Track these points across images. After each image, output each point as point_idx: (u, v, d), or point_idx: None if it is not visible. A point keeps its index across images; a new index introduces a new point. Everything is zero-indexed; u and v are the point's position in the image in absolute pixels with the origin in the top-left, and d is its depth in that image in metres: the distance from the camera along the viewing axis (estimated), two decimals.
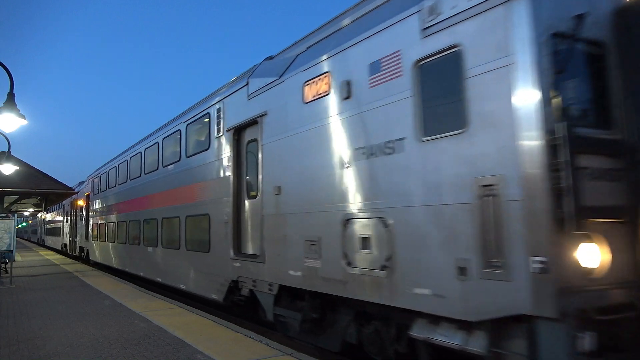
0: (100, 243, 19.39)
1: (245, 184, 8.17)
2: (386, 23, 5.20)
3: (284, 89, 6.97)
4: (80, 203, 23.85)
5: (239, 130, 8.29)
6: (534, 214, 3.64)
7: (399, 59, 4.98)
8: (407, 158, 4.80)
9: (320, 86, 6.18)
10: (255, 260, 7.45)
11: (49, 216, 40.73)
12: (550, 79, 3.73)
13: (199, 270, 9.76)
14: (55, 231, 36.67)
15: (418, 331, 4.67)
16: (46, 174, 17.38)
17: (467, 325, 4.19)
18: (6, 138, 13.15)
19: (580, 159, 3.69)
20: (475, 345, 4.07)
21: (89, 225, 21.59)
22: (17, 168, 13.59)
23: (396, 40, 5.03)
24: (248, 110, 7.91)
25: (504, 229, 3.82)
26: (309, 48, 6.94)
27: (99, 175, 20.21)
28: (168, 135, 12.16)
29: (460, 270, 4.16)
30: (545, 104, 3.66)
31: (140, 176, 14.29)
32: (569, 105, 3.94)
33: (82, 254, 23.37)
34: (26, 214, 42.79)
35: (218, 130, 9.00)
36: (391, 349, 5.31)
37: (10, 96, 7.82)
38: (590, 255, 3.68)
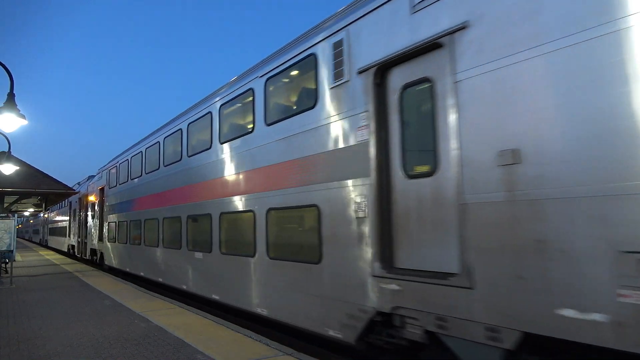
0: (120, 245, 16.26)
1: (401, 155, 5.23)
2: None
3: None
4: (92, 199, 20.91)
5: (386, 68, 5.45)
6: None
7: None
8: None
9: None
10: (445, 283, 4.47)
11: (54, 214, 37.54)
12: None
13: (298, 290, 6.61)
14: (60, 231, 33.40)
15: None
16: (46, 174, 17.39)
17: None
18: (6, 138, 13.18)
19: None
20: None
21: (105, 224, 18.45)
22: (17, 168, 13.59)
23: None
24: (413, 30, 5.05)
25: None
26: None
27: (118, 165, 16.92)
28: (230, 100, 8.87)
29: None
30: None
31: (180, 160, 11.12)
32: None
33: (95, 257, 20.56)
34: (26, 213, 42.12)
35: (336, 77, 6.12)
36: None
37: (10, 96, 7.82)
38: None
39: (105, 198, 18.36)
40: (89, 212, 21.66)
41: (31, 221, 66.60)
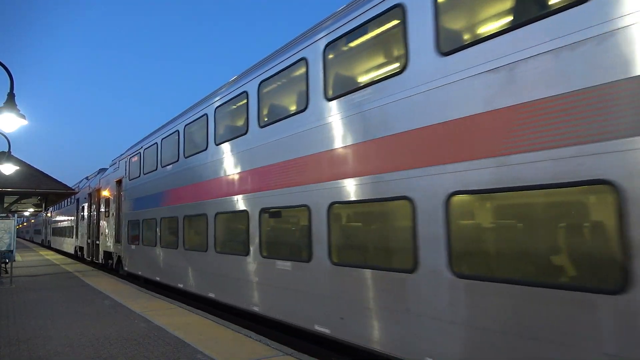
0: (145, 248, 13.27)
1: None
2: None
3: None
4: (106, 194, 17.91)
5: None
6: None
7: None
8: None
9: None
10: None
11: (58, 212, 33.69)
12: None
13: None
14: (65, 231, 29.49)
15: None
16: (46, 174, 17.38)
17: None
18: (6, 138, 13.17)
19: None
20: None
21: (123, 222, 15.50)
22: (17, 168, 13.59)
23: None
24: None
25: None
26: None
27: (141, 151, 13.88)
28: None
29: None
30: None
31: (238, 137, 8.38)
32: None
33: (110, 261, 17.50)
34: (26, 213, 41.62)
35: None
36: None
37: (11, 96, 7.82)
38: None
39: (124, 192, 15.51)
40: (102, 209, 18.57)
41: (32, 220, 63.50)
